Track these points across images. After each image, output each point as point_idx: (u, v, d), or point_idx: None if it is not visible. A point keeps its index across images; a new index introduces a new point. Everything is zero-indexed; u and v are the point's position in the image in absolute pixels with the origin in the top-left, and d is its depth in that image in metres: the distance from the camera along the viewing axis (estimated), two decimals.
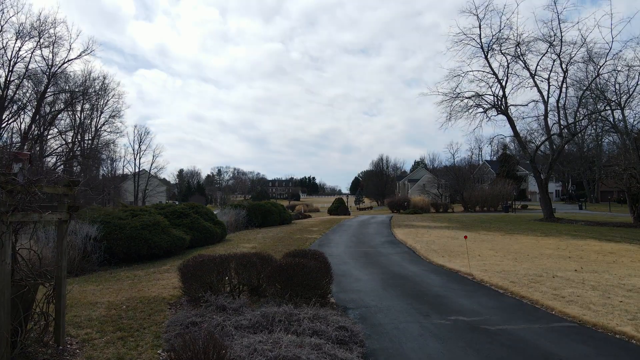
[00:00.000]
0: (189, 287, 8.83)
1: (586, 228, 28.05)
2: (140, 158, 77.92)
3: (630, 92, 33.72)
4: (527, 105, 39.27)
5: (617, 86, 34.60)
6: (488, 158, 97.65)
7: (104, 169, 76.08)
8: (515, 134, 37.69)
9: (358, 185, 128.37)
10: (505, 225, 31.15)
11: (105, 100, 56.56)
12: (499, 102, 37.25)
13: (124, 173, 79.70)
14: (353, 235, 25.22)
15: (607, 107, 35.12)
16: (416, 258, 16.69)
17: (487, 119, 37.86)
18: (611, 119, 36.74)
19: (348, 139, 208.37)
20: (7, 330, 5.82)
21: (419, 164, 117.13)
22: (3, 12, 39.80)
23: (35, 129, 47.70)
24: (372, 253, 17.99)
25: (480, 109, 37.75)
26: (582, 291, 10.64)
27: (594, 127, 49.03)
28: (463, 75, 37.67)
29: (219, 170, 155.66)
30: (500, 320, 8.62)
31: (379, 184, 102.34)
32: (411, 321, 8.59)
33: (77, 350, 6.81)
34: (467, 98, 37.61)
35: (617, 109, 35.03)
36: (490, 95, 37.72)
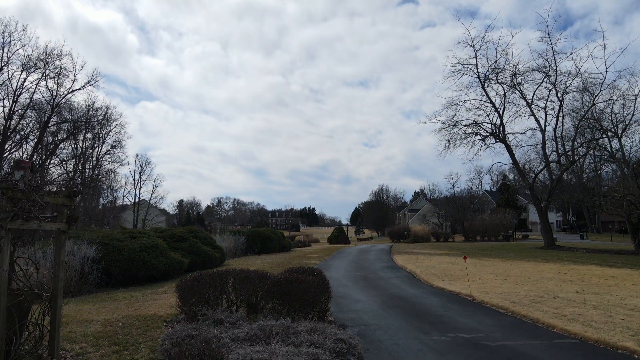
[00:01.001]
0: (186, 303, 8.75)
1: (587, 255, 27.87)
2: (140, 188, 77.87)
3: (627, 122, 34.09)
4: (524, 133, 39.70)
5: (612, 116, 35.05)
6: (488, 188, 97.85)
7: (104, 198, 76.12)
8: (514, 161, 37.93)
9: (358, 216, 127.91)
10: (506, 252, 30.97)
11: (107, 131, 57.06)
12: (497, 131, 37.66)
13: (124, 203, 79.64)
14: (353, 261, 25.05)
15: (604, 136, 35.47)
16: (416, 281, 16.54)
17: (486, 146, 38.19)
18: (609, 148, 37.04)
19: (348, 170, 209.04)
20: (1, 338, 5.76)
21: (419, 195, 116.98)
22: (10, 45, 40.63)
23: (37, 158, 47.97)
24: (371, 277, 17.85)
25: (479, 137, 38.14)
26: (584, 310, 10.54)
27: (592, 156, 49.36)
28: (461, 104, 38.23)
29: (219, 201, 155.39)
30: (500, 337, 8.51)
31: (379, 214, 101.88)
32: (410, 337, 8.49)
33: None
34: (465, 126, 38.05)
35: (614, 137, 35.37)
36: (488, 123, 38.20)
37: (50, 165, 50.65)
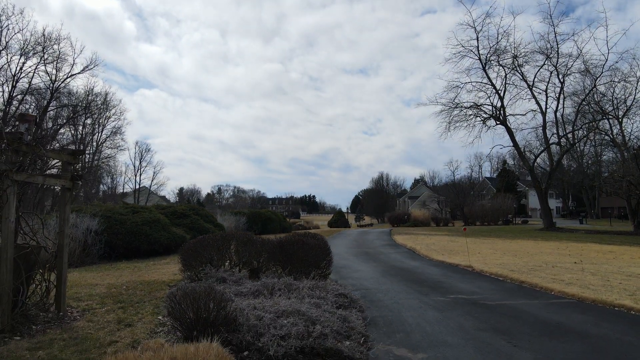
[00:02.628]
0: (189, 266, 8.85)
1: (586, 235, 28.01)
2: (140, 175, 77.86)
3: (629, 105, 33.95)
4: (525, 114, 39.35)
5: (614, 100, 34.94)
6: (488, 175, 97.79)
7: (104, 185, 76.16)
8: (515, 144, 37.84)
9: (358, 204, 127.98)
10: (505, 233, 31.13)
11: (107, 116, 56.82)
12: (498, 113, 37.57)
13: (124, 191, 79.69)
14: (354, 240, 25.22)
15: (605, 118, 35.42)
16: (416, 256, 16.69)
17: (487, 128, 38.08)
18: (609, 132, 37.02)
19: (348, 158, 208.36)
20: (8, 287, 5.87)
21: (419, 182, 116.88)
22: (8, 29, 40.25)
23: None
24: (372, 252, 18.00)
25: (479, 119, 38.05)
26: (582, 276, 10.67)
27: (593, 140, 49.23)
28: (462, 86, 38.06)
29: (219, 189, 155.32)
30: (499, 298, 8.64)
31: (380, 202, 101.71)
32: (411, 298, 8.62)
33: (78, 317, 6.84)
34: (466, 108, 37.94)
35: (615, 120, 35.33)
36: (488, 105, 38.09)
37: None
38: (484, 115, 38.04)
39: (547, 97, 36.60)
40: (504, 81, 37.24)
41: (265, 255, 9.09)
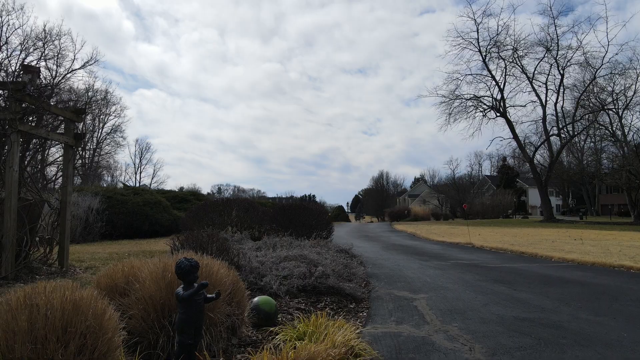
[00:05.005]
0: (191, 230, 8.86)
1: (587, 225, 28.04)
2: (140, 172, 77.82)
3: (629, 97, 33.93)
4: (525, 106, 39.19)
5: (613, 94, 34.90)
6: (488, 173, 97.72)
7: (104, 184, 76.19)
8: (514, 135, 37.77)
9: (358, 203, 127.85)
10: (505, 224, 31.13)
11: (107, 113, 56.87)
12: (498, 105, 37.53)
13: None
14: (354, 229, 25.30)
15: (603, 110, 35.41)
16: (416, 238, 16.74)
17: (487, 120, 37.97)
18: (609, 127, 36.99)
19: (347, 158, 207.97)
20: (13, 234, 5.91)
21: (419, 180, 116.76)
22: (8, 25, 40.26)
23: (37, 140, 47.79)
24: (372, 236, 18.04)
25: (480, 110, 37.98)
26: (582, 247, 10.73)
27: (593, 136, 49.19)
28: (462, 78, 37.97)
29: (219, 189, 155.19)
30: (499, 263, 8.69)
31: (380, 200, 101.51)
32: (411, 262, 8.67)
33: (80, 272, 6.88)
34: (466, 100, 37.86)
35: (615, 115, 35.34)
36: (488, 97, 38.03)
37: (51, 147, 50.52)
38: (484, 107, 38.04)
39: (547, 90, 36.57)
40: (504, 73, 37.21)
41: (267, 225, 9.13)
